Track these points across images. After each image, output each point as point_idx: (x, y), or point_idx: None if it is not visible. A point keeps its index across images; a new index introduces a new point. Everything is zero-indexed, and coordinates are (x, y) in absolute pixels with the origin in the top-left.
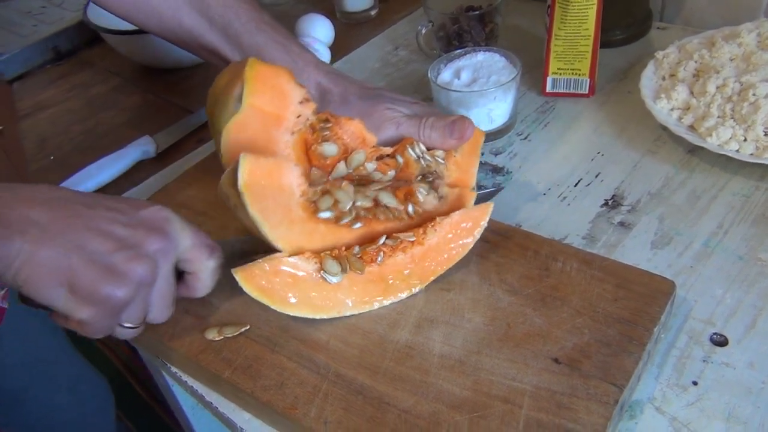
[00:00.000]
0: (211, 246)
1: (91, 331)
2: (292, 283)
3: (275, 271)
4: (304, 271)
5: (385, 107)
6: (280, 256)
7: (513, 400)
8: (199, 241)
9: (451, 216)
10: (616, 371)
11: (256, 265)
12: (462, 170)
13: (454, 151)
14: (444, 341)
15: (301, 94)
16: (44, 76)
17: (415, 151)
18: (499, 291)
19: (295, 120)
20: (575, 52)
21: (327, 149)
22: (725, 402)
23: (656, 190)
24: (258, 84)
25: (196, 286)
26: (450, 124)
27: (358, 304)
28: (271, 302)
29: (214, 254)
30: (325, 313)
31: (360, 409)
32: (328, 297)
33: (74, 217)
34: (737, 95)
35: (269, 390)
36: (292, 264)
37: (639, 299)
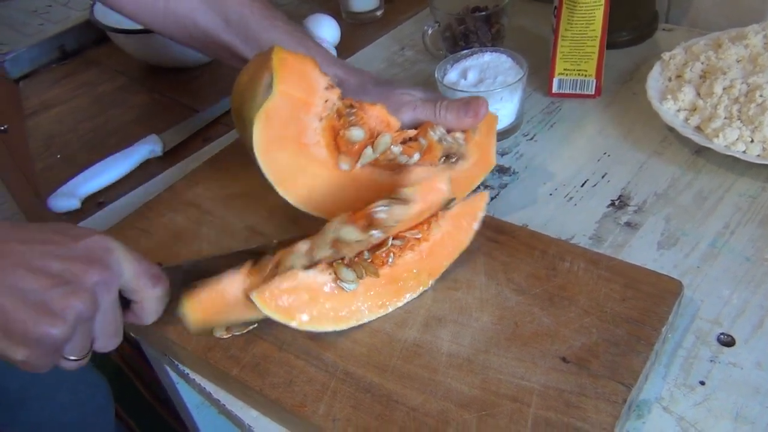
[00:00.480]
0: (156, 275)
1: (31, 368)
2: (308, 298)
3: (291, 288)
4: (319, 284)
5: (401, 92)
6: (295, 271)
7: (521, 399)
8: (142, 270)
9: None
10: (625, 370)
11: (271, 284)
12: (482, 150)
13: (472, 132)
14: (452, 340)
15: (326, 80)
16: (50, 75)
17: (437, 132)
18: (506, 290)
19: (323, 105)
20: (582, 53)
21: (354, 134)
22: (733, 402)
23: (663, 190)
24: (286, 70)
25: (142, 315)
26: (465, 104)
27: (374, 309)
28: (290, 320)
29: (159, 283)
30: (344, 324)
31: (368, 407)
32: (345, 307)
33: (5, 256)
34: (744, 96)
35: (278, 388)
36: (307, 278)
37: (647, 299)
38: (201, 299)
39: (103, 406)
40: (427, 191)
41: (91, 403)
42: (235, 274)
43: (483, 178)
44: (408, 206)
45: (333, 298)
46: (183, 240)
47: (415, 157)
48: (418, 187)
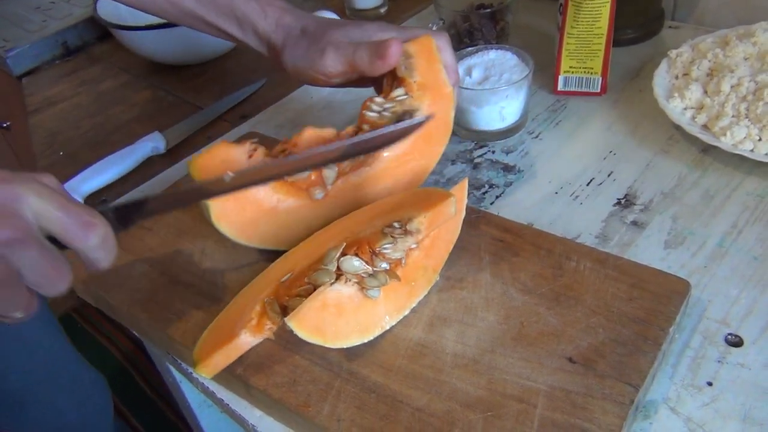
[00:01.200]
0: (87, 223)
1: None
2: (336, 312)
3: (322, 305)
4: (345, 296)
5: (335, 32)
6: (324, 289)
7: (527, 400)
8: (69, 220)
9: (454, 191)
10: (632, 371)
11: (303, 307)
12: (430, 85)
13: (410, 78)
14: (457, 340)
15: (245, 150)
16: (53, 72)
17: (373, 109)
18: (512, 290)
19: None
20: (588, 51)
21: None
22: (741, 403)
23: (669, 189)
24: (205, 174)
25: (88, 263)
26: (374, 49)
27: (393, 314)
28: (325, 341)
29: (92, 231)
30: (370, 334)
31: (373, 408)
32: (370, 316)
33: None
34: (752, 94)
35: (281, 387)
36: (336, 292)
37: (654, 299)
38: (216, 364)
39: (102, 406)
40: (434, 219)
41: (90, 402)
42: (247, 334)
43: (451, 113)
44: (414, 237)
45: (358, 310)
46: (186, 237)
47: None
48: (424, 219)
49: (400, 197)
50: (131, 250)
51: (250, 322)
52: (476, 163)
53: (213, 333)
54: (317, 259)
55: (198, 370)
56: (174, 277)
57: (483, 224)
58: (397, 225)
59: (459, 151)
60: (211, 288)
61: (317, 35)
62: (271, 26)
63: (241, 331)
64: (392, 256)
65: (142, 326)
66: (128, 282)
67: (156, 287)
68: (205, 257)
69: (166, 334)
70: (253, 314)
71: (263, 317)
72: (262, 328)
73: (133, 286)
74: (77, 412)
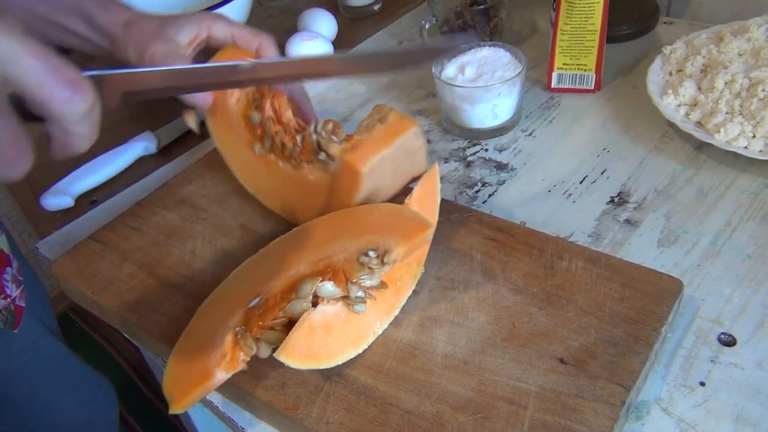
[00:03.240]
0: (73, 81)
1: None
2: (325, 333)
3: (309, 330)
4: (331, 315)
5: (165, 30)
6: (308, 314)
7: (518, 401)
8: (52, 76)
9: (412, 193)
10: (623, 372)
11: (291, 338)
12: None
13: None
14: (448, 341)
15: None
16: None
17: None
18: (503, 289)
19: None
20: (581, 47)
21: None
22: (733, 403)
23: (663, 187)
24: None
25: (65, 139)
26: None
27: (383, 317)
28: (319, 364)
29: (79, 93)
30: (365, 343)
31: (362, 410)
32: (361, 326)
33: None
34: (746, 91)
35: (271, 390)
36: (320, 314)
37: (646, 299)
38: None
39: (107, 406)
40: (411, 250)
41: (94, 403)
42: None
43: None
44: (390, 265)
45: (347, 324)
46: (176, 238)
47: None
48: (401, 251)
49: (374, 214)
50: (119, 251)
51: (224, 358)
52: (469, 162)
53: (182, 365)
54: (289, 284)
55: (173, 409)
56: (163, 278)
57: (474, 223)
58: (373, 254)
59: (452, 149)
60: (200, 289)
61: (149, 33)
62: (114, 19)
63: (216, 369)
64: (367, 284)
65: (131, 328)
66: (117, 283)
67: (145, 288)
68: (195, 258)
69: (155, 335)
70: (226, 347)
71: (236, 349)
72: (236, 361)
73: (122, 288)
74: (81, 412)
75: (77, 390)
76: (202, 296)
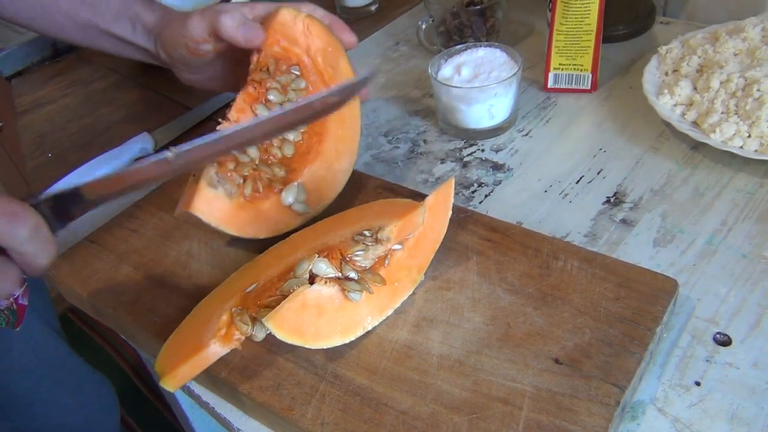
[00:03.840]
0: (13, 213)
1: None
2: (317, 313)
3: (302, 306)
4: (326, 297)
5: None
6: (303, 289)
7: (513, 402)
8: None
9: (426, 201)
10: (618, 372)
11: (282, 307)
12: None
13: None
14: (443, 341)
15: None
16: (43, 73)
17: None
18: (499, 290)
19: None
20: (577, 47)
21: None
22: (728, 403)
23: (659, 186)
24: None
25: (23, 264)
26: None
27: (376, 314)
28: (305, 341)
29: (19, 223)
30: (352, 335)
31: (358, 411)
32: (351, 317)
33: None
34: (741, 91)
35: (266, 391)
36: (316, 292)
37: (641, 298)
38: (183, 376)
39: (108, 407)
40: (404, 228)
41: (95, 403)
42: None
43: None
44: (384, 246)
45: (339, 310)
46: (173, 239)
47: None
48: (394, 228)
49: (369, 207)
50: (116, 252)
51: (219, 331)
52: (465, 162)
53: (176, 344)
54: (286, 269)
55: (163, 383)
56: (159, 279)
57: (470, 224)
58: (368, 233)
59: (448, 149)
60: (196, 290)
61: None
62: (156, 18)
63: (210, 341)
64: (362, 263)
65: (127, 329)
66: (113, 285)
67: (141, 290)
68: (191, 259)
69: (151, 337)
70: (221, 324)
71: (231, 327)
72: (230, 338)
73: (118, 289)
74: (83, 412)
75: (78, 390)
76: (199, 297)
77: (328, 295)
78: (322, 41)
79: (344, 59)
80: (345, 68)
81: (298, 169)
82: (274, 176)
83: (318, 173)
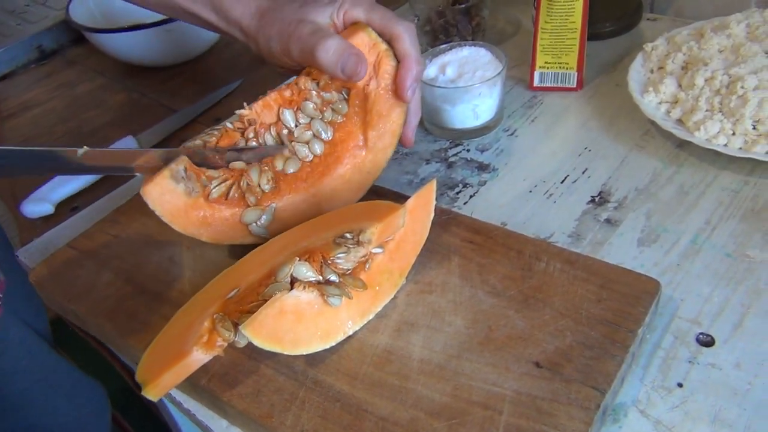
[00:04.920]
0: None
1: None
2: (295, 319)
3: (280, 312)
4: (304, 303)
5: (304, 16)
6: (280, 295)
7: (493, 406)
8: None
9: (406, 204)
10: (598, 375)
11: (260, 314)
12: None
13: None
14: (424, 345)
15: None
16: (29, 76)
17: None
18: (481, 293)
19: None
20: (562, 46)
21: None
22: (711, 404)
23: (644, 185)
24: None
25: None
26: (344, 58)
27: (357, 319)
28: (283, 348)
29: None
30: (333, 340)
31: (337, 417)
32: (331, 322)
33: None
34: (725, 88)
35: (246, 398)
36: (294, 298)
37: (623, 300)
38: (165, 385)
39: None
40: (385, 230)
41: (87, 406)
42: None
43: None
44: (365, 248)
45: (318, 316)
46: (155, 245)
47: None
48: (375, 230)
49: (349, 210)
50: (98, 259)
51: (202, 338)
52: (451, 162)
53: (157, 352)
54: (267, 273)
55: (145, 392)
56: (140, 285)
57: (453, 226)
58: (349, 236)
59: (434, 150)
60: (178, 296)
61: (289, 21)
62: (244, 9)
63: (193, 348)
64: (344, 266)
65: (109, 337)
66: (94, 291)
67: (122, 296)
68: (174, 265)
69: (132, 344)
70: (203, 331)
71: (213, 334)
72: (213, 344)
73: (99, 296)
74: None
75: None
76: (181, 303)
77: (307, 300)
78: (385, 82)
79: (399, 111)
80: (394, 120)
81: (284, 191)
82: (255, 188)
83: (299, 206)
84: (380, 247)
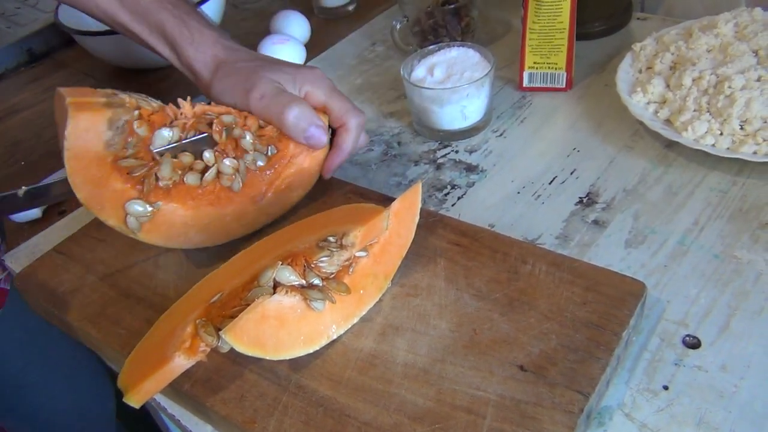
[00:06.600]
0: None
1: None
2: (278, 323)
3: (262, 316)
4: (287, 307)
5: (265, 74)
6: (262, 300)
7: (476, 411)
8: None
9: (391, 206)
10: (582, 378)
11: (241, 319)
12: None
13: None
14: (408, 349)
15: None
16: (18, 79)
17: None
18: (466, 296)
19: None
20: (551, 46)
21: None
22: (696, 407)
23: (632, 186)
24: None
25: None
26: (312, 128)
27: (341, 323)
28: (265, 353)
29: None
30: (316, 345)
31: (320, 422)
32: (315, 326)
33: None
34: (713, 88)
35: (229, 403)
36: (276, 303)
37: (608, 302)
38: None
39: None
40: (368, 233)
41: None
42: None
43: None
44: (348, 251)
45: (302, 320)
46: (140, 249)
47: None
48: (359, 233)
49: (333, 213)
50: (83, 263)
51: (184, 344)
52: (439, 164)
53: (140, 358)
54: (250, 278)
55: (127, 398)
56: (125, 289)
57: (440, 228)
58: (333, 239)
59: (422, 151)
60: (162, 301)
61: (248, 74)
62: (199, 55)
63: (175, 354)
64: (327, 269)
65: (93, 341)
66: (78, 296)
67: (106, 301)
68: (158, 269)
69: (116, 349)
70: (185, 336)
71: (196, 339)
72: (195, 350)
73: (84, 301)
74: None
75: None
76: (164, 308)
77: (289, 304)
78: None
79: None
80: (294, 199)
81: (174, 197)
82: (163, 179)
83: (174, 218)
84: (364, 251)
